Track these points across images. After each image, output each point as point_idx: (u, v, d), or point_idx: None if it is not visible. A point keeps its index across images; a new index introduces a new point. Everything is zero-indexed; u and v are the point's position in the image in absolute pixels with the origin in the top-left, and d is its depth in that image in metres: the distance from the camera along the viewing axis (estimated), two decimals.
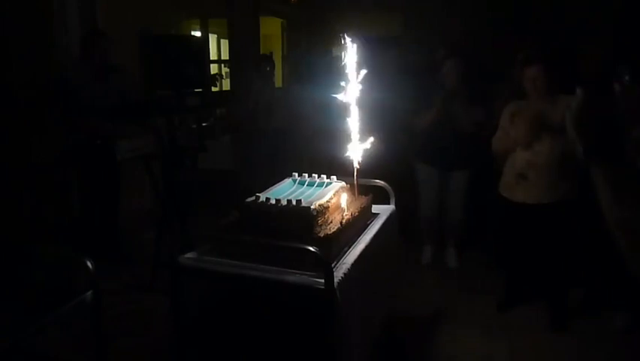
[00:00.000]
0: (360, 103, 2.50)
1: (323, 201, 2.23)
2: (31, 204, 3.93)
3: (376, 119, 2.82)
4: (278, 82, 7.39)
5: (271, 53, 5.82)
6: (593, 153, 1.23)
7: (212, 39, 7.96)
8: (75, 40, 4.12)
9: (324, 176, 2.55)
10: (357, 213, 2.37)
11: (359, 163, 2.57)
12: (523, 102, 3.33)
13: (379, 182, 2.87)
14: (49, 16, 4.29)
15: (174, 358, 2.21)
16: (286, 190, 2.44)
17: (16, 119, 4.04)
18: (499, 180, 3.47)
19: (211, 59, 7.38)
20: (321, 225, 2.15)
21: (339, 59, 2.46)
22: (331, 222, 2.22)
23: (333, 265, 1.97)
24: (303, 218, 2.09)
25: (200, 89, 4.04)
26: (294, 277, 1.92)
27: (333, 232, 2.11)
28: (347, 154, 2.56)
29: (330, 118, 2.92)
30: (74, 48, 4.15)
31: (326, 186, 2.46)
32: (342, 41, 2.40)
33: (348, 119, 2.51)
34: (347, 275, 1.98)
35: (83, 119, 3.75)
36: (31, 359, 2.21)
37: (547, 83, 3.18)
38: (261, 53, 6.49)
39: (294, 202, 2.13)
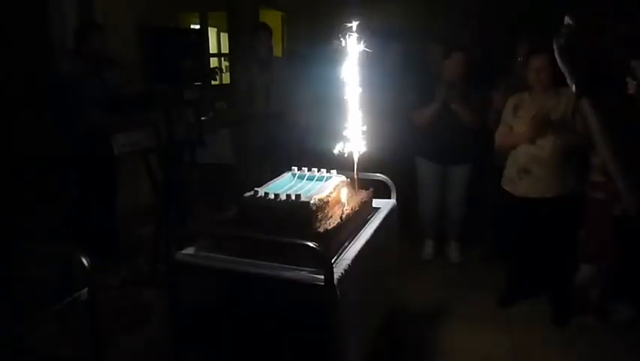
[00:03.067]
0: (361, 97, 2.46)
1: (323, 195, 2.20)
2: (27, 200, 3.90)
3: (377, 112, 2.78)
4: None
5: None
6: (585, 88, 1.18)
7: (212, 32, 7.90)
8: (72, 33, 4.08)
9: (324, 170, 2.52)
10: (357, 208, 2.34)
11: (359, 157, 2.54)
12: (526, 95, 3.29)
13: (380, 176, 2.83)
14: (45, 8, 4.25)
15: (172, 354, 2.19)
16: (285, 185, 2.41)
17: (12, 114, 4.01)
18: (501, 174, 3.44)
19: (211, 52, 7.32)
20: (320, 220, 2.12)
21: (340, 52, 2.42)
22: (331, 217, 2.19)
23: (333, 261, 1.95)
24: (303, 213, 2.06)
25: (200, 83, 4.01)
26: (294, 273, 1.90)
27: (333, 227, 2.08)
28: (347, 148, 2.52)
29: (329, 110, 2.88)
30: (71, 41, 4.11)
31: (326, 181, 2.43)
32: (343, 34, 2.36)
33: (347, 112, 2.48)
34: (347, 271, 1.95)
35: (79, 113, 3.72)
36: (28, 356, 2.19)
37: (551, 75, 3.12)
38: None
39: (293, 197, 2.10)
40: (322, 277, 1.81)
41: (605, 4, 1.21)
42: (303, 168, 2.57)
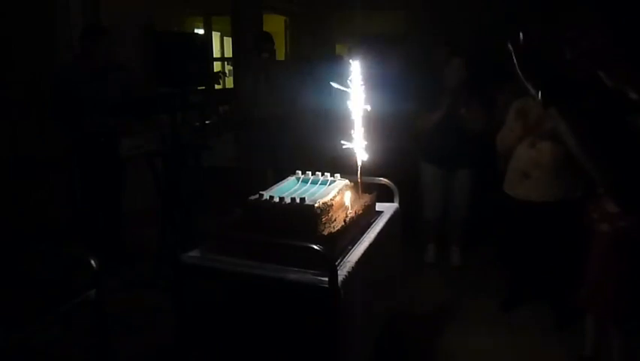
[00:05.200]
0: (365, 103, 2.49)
1: (327, 199, 2.22)
2: (34, 202, 3.92)
3: (380, 119, 2.81)
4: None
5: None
6: (549, 97, 1.22)
7: (216, 37, 7.95)
8: (77, 37, 4.12)
9: (328, 174, 2.54)
10: (360, 212, 2.36)
11: (362, 161, 2.57)
12: (530, 99, 3.30)
13: (383, 180, 2.86)
14: (52, 12, 4.29)
15: (177, 355, 2.20)
16: (290, 188, 2.44)
17: (19, 116, 4.04)
18: (503, 178, 3.46)
19: (214, 56, 7.36)
20: (324, 223, 2.14)
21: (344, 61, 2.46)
22: (335, 220, 2.21)
23: (336, 264, 1.96)
24: (307, 216, 2.08)
25: (204, 87, 4.04)
26: (298, 275, 1.92)
27: (337, 230, 2.10)
28: (350, 152, 2.55)
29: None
30: (77, 44, 4.15)
31: (330, 184, 2.45)
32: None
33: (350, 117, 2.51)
34: (351, 273, 1.97)
35: (85, 116, 3.75)
36: (35, 357, 2.21)
37: None
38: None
39: (297, 200, 2.12)
40: (326, 279, 1.83)
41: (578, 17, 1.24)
42: (307, 172, 2.59)
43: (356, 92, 2.49)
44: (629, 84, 1.20)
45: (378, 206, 2.70)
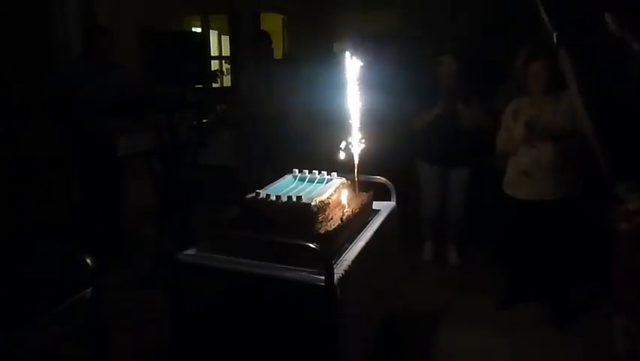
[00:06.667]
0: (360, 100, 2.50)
1: (323, 197, 2.23)
2: (32, 201, 3.93)
3: (377, 117, 2.81)
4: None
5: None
6: (565, 37, 1.20)
7: (213, 35, 7.95)
8: (75, 37, 4.12)
9: (325, 172, 2.55)
10: (357, 210, 2.37)
11: (359, 159, 2.57)
12: (525, 99, 3.32)
13: (380, 178, 2.86)
14: (48, 12, 4.29)
15: (174, 354, 2.21)
16: (287, 187, 2.44)
17: (17, 116, 4.04)
18: (501, 177, 3.47)
19: (212, 55, 7.36)
20: (321, 221, 2.15)
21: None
22: (332, 218, 2.22)
23: (333, 262, 1.97)
24: (304, 215, 2.09)
25: (201, 86, 4.04)
26: (295, 273, 1.92)
27: (334, 229, 2.11)
28: (347, 150, 2.56)
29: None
30: (74, 44, 4.15)
31: (326, 183, 2.46)
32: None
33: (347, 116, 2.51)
34: (347, 272, 1.98)
35: (83, 115, 3.75)
36: (32, 355, 2.21)
37: (550, 80, 3.14)
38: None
39: (294, 199, 2.13)
40: (323, 277, 1.83)
41: None
42: (304, 171, 2.60)
43: (352, 91, 2.50)
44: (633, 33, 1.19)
45: (376, 204, 2.70)
